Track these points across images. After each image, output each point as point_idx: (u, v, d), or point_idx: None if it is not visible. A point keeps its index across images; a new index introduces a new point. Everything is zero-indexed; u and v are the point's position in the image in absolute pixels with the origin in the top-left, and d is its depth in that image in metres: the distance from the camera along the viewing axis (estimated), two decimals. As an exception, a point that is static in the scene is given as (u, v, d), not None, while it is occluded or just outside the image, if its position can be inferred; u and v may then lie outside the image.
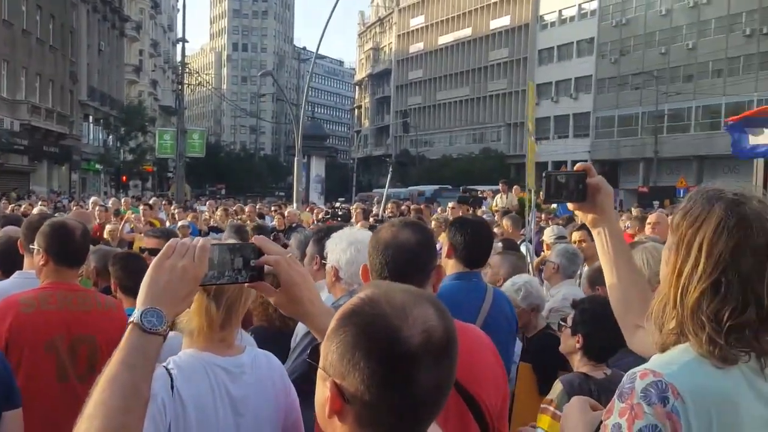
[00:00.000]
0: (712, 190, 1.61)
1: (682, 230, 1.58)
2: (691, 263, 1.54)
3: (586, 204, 2.02)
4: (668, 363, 1.51)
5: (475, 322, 3.42)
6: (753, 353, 1.52)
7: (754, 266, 1.50)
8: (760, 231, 1.51)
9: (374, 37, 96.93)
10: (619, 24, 58.35)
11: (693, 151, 50.88)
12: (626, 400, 1.48)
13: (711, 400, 1.46)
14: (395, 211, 12.83)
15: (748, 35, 49.13)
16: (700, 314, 1.51)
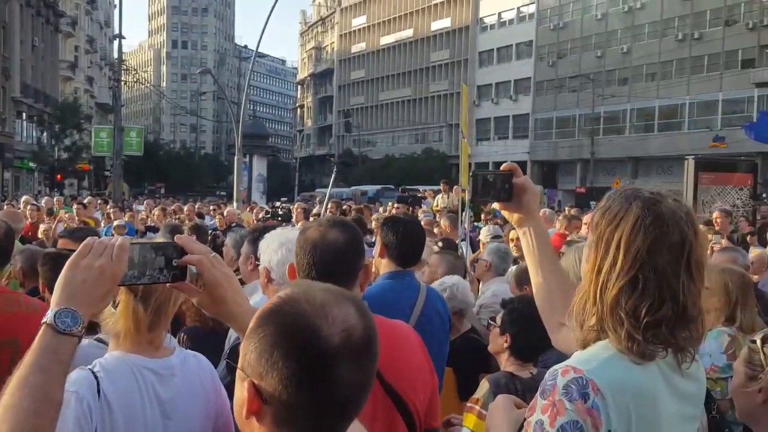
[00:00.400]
0: (629, 189, 1.65)
1: (601, 228, 1.62)
2: (609, 260, 1.57)
3: (512, 203, 2.03)
4: (588, 359, 1.54)
5: (408, 321, 3.44)
6: (670, 349, 1.57)
7: (669, 263, 1.54)
8: (675, 228, 1.56)
9: (316, 36, 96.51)
10: (556, 27, 59.32)
11: (628, 153, 52.08)
12: (548, 396, 1.51)
13: (630, 396, 1.49)
14: (336, 210, 12.81)
15: (681, 40, 50.55)
16: (618, 310, 1.54)
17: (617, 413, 1.47)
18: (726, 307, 3.76)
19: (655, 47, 51.82)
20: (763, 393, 2.06)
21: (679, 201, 1.62)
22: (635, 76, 53.78)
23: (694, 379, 1.65)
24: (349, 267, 2.26)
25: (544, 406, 1.51)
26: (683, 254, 1.55)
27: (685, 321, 1.56)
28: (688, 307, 1.56)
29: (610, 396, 1.47)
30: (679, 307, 1.54)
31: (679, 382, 1.59)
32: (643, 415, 1.50)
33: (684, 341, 1.57)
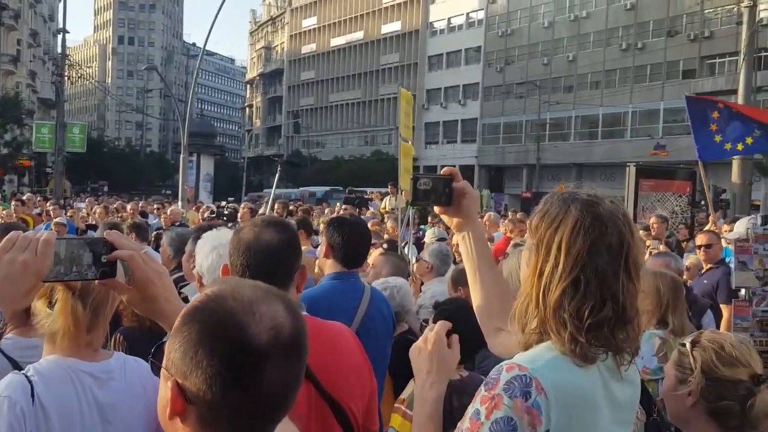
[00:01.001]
0: (566, 192, 1.67)
1: (541, 231, 1.62)
2: (551, 263, 1.58)
3: (452, 208, 2.02)
4: (534, 359, 1.55)
5: (352, 323, 3.41)
6: (610, 352, 1.58)
7: (609, 264, 1.56)
8: (613, 230, 1.58)
9: (266, 36, 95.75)
10: (504, 34, 59.92)
11: (572, 159, 52.91)
12: (490, 389, 1.51)
13: (572, 398, 1.50)
14: (283, 211, 12.76)
15: (624, 49, 51.59)
16: (561, 312, 1.55)
17: (558, 414, 1.47)
18: (657, 310, 3.85)
19: (599, 56, 52.79)
20: (693, 396, 2.10)
21: (616, 203, 1.64)
22: (580, 83, 54.68)
23: (630, 382, 1.68)
24: (284, 268, 2.20)
25: (483, 398, 1.52)
26: (622, 255, 1.57)
27: (623, 322, 1.57)
28: (627, 308, 1.57)
29: (554, 396, 1.47)
30: (619, 308, 1.56)
31: (614, 388, 1.61)
32: (582, 419, 1.51)
33: (622, 342, 1.59)
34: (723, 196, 25.42)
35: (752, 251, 5.05)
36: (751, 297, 5.05)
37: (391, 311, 3.84)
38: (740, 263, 5.09)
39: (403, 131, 6.61)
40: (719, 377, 2.07)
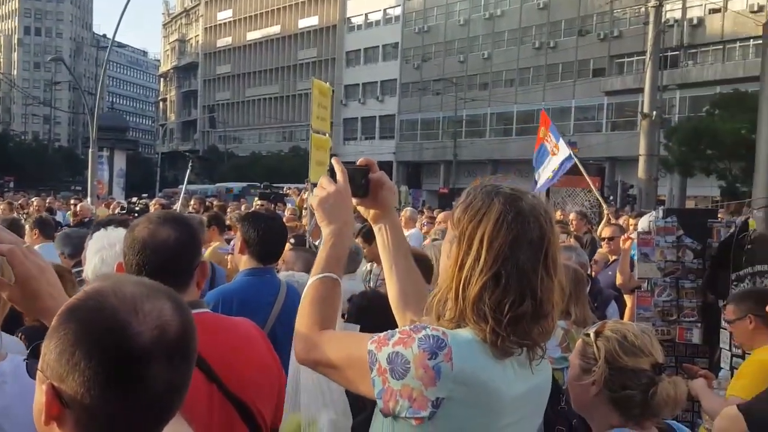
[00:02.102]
0: (489, 185, 1.66)
1: (463, 224, 1.61)
2: (472, 256, 1.57)
3: (369, 199, 2.00)
4: (458, 335, 1.54)
5: (268, 319, 3.39)
6: (525, 346, 1.59)
7: (529, 259, 1.56)
8: (535, 225, 1.58)
9: (180, 28, 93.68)
10: (421, 31, 60.38)
11: (488, 155, 53.87)
12: (414, 330, 1.53)
13: (477, 382, 1.50)
14: (200, 207, 12.55)
15: (538, 48, 52.80)
16: (482, 305, 1.54)
17: (458, 390, 1.47)
18: (561, 301, 3.95)
19: (514, 54, 53.87)
20: (596, 385, 2.12)
21: (538, 198, 1.65)
22: (495, 81, 55.67)
23: (541, 374, 1.68)
24: (182, 266, 2.12)
25: (405, 331, 1.54)
26: (542, 250, 1.58)
27: (539, 316, 1.58)
28: (544, 303, 1.59)
29: (460, 370, 1.47)
30: (536, 303, 1.57)
31: (528, 378, 1.61)
32: (485, 404, 1.51)
33: (537, 336, 1.60)
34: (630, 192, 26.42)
35: (654, 243, 5.23)
36: (653, 287, 5.23)
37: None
38: (643, 255, 5.27)
39: (315, 123, 6.53)
40: (622, 366, 2.10)
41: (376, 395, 1.53)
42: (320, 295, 1.79)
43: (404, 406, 1.49)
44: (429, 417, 1.48)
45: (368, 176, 1.98)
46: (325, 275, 1.82)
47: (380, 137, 63.70)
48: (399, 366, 1.49)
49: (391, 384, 1.50)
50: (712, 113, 31.68)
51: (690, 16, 44.66)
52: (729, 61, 42.30)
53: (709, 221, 5.34)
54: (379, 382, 1.52)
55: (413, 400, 1.48)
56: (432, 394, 1.47)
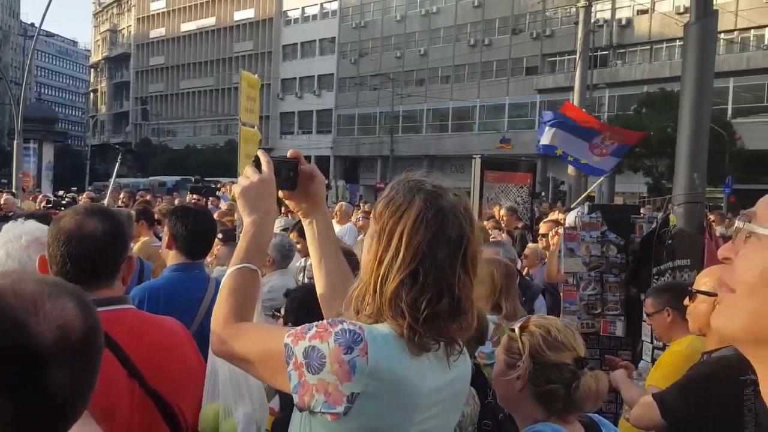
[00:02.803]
0: (412, 180, 1.65)
1: (384, 219, 1.60)
2: (391, 252, 1.56)
3: (298, 193, 1.97)
4: (375, 329, 1.54)
5: (196, 316, 3.33)
6: (443, 342, 1.60)
7: (448, 257, 1.56)
8: (454, 223, 1.58)
9: (111, 18, 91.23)
10: (358, 26, 60.36)
11: (424, 151, 54.11)
12: (332, 324, 1.52)
13: (393, 377, 1.50)
14: (129, 201, 12.31)
15: (472, 45, 53.35)
16: (399, 302, 1.54)
17: (373, 386, 1.47)
18: (492, 296, 4.02)
19: (449, 51, 54.30)
20: (521, 380, 2.12)
21: (459, 196, 1.64)
22: (431, 77, 56.08)
23: (459, 369, 1.69)
24: (108, 259, 2.08)
25: (322, 324, 1.53)
26: (461, 249, 1.58)
27: (457, 314, 1.59)
28: (462, 300, 1.59)
29: (375, 365, 1.47)
30: (454, 301, 1.57)
31: (445, 373, 1.62)
32: (400, 399, 1.51)
33: (455, 333, 1.61)
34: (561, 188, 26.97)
35: (579, 239, 5.37)
36: (578, 282, 5.37)
37: (239, 304, 3.74)
38: (569, 250, 5.40)
39: (244, 115, 6.48)
40: (546, 361, 2.11)
41: (292, 389, 1.52)
42: (238, 286, 1.76)
43: (319, 401, 1.49)
44: (344, 412, 1.47)
45: (297, 169, 1.95)
46: (244, 266, 1.79)
47: (317, 132, 63.44)
48: (315, 360, 1.48)
49: (307, 378, 1.49)
50: (639, 112, 32.65)
51: (619, 16, 45.82)
52: (656, 61, 43.57)
53: (632, 217, 5.52)
54: (295, 376, 1.51)
55: (329, 394, 1.48)
56: (347, 389, 1.46)
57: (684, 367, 3.20)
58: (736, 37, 40.81)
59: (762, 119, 39.15)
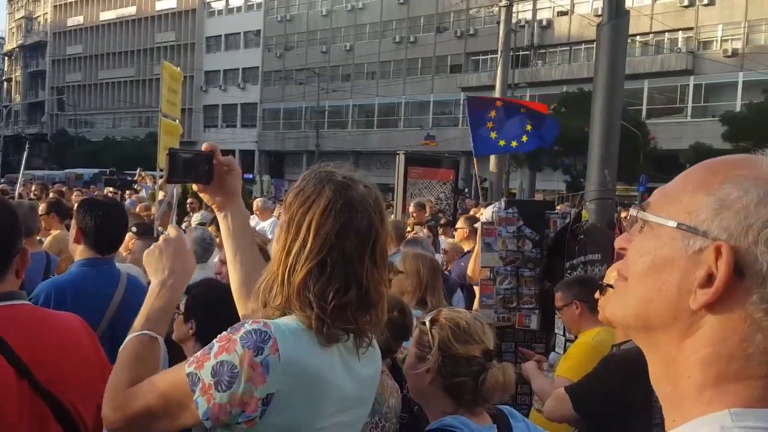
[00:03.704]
0: (324, 171, 1.64)
1: (293, 209, 1.60)
2: (299, 242, 1.56)
3: (213, 186, 1.94)
4: (281, 323, 1.52)
5: (106, 313, 3.24)
6: (352, 333, 1.60)
7: (356, 248, 1.56)
8: (363, 215, 1.58)
9: (27, 5, 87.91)
10: (283, 19, 59.88)
11: (350, 147, 54.20)
12: (232, 332, 1.49)
13: (306, 369, 1.49)
14: (41, 193, 11.91)
15: (398, 42, 53.65)
16: (306, 293, 1.54)
17: (285, 382, 1.46)
18: (418, 291, 4.05)
19: (375, 47, 54.46)
20: (431, 373, 2.14)
21: (369, 188, 1.64)
22: (357, 73, 56.14)
23: (370, 362, 1.70)
24: (2, 252, 2.00)
25: (222, 337, 1.50)
26: (370, 240, 1.58)
27: (366, 306, 1.59)
28: (371, 293, 1.59)
29: (286, 361, 1.46)
30: (362, 292, 1.57)
31: (355, 365, 1.62)
32: (310, 392, 1.51)
33: (364, 325, 1.61)
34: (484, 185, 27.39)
35: (496, 233, 5.46)
36: (495, 276, 5.46)
37: (150, 300, 3.65)
38: (486, 245, 5.48)
39: (165, 107, 6.35)
40: (454, 354, 2.13)
41: (202, 416, 1.47)
42: (136, 355, 1.69)
43: (236, 414, 1.46)
44: (260, 416, 1.46)
45: (212, 162, 1.92)
46: (143, 333, 1.72)
47: (242, 125, 62.72)
48: (225, 375, 1.45)
49: (217, 399, 1.45)
50: (559, 111, 33.43)
51: (540, 17, 46.85)
52: (575, 61, 44.75)
53: (547, 212, 5.64)
54: (203, 402, 1.46)
55: (245, 404, 1.45)
56: (263, 391, 1.45)
57: (591, 358, 3.29)
58: (651, 40, 42.27)
59: (675, 120, 40.75)
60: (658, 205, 0.88)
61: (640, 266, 0.87)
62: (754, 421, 0.78)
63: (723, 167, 0.85)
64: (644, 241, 0.88)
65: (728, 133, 30.92)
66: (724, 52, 39.73)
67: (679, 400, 0.85)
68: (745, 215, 0.79)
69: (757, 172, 0.82)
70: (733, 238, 0.79)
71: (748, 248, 0.79)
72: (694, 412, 0.82)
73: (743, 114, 32.22)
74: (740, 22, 39.90)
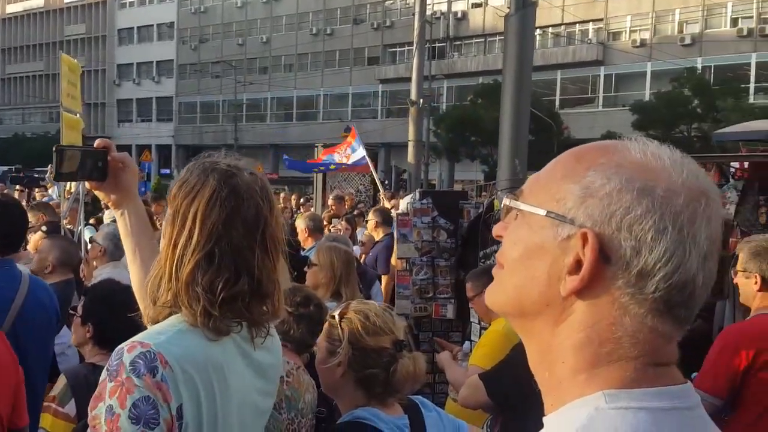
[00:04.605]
0: (208, 161, 1.62)
1: (178, 201, 1.57)
2: (185, 235, 1.53)
3: (108, 184, 1.89)
4: (158, 333, 1.48)
5: (8, 315, 3.14)
6: (245, 323, 1.57)
7: (244, 237, 1.54)
8: (250, 202, 1.56)
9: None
10: (198, 11, 58.92)
11: (269, 140, 53.82)
12: (116, 378, 1.42)
13: (200, 368, 1.46)
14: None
15: (315, 34, 53.42)
16: (195, 286, 1.51)
17: (186, 387, 1.43)
18: (332, 283, 4.04)
19: (292, 39, 54.09)
20: (342, 367, 2.12)
21: (255, 175, 1.62)
22: (275, 66, 55.70)
23: (269, 352, 1.68)
24: None
25: (112, 389, 1.41)
26: (258, 229, 1.56)
27: (260, 296, 1.57)
28: (264, 282, 1.57)
29: (179, 369, 1.43)
30: (254, 282, 1.55)
31: (252, 354, 1.60)
32: (212, 389, 1.48)
33: (259, 316, 1.59)
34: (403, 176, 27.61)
35: (411, 224, 5.50)
36: (411, 267, 5.50)
37: (55, 302, 3.55)
38: (402, 236, 5.52)
39: (66, 101, 6.14)
40: (364, 346, 2.12)
41: None
42: None
43: None
44: (179, 428, 1.44)
45: (106, 158, 1.87)
46: None
47: (158, 120, 61.44)
48: (147, 410, 1.40)
49: None
50: (475, 102, 33.98)
51: (455, 9, 47.40)
52: (490, 53, 45.44)
53: (461, 202, 5.71)
54: None
55: (172, 425, 1.43)
56: (174, 405, 1.42)
57: (502, 345, 3.34)
58: (563, 31, 43.35)
59: (587, 110, 41.94)
60: (531, 193, 0.89)
61: (514, 254, 0.88)
62: (627, 401, 0.80)
63: (588, 155, 0.86)
64: (518, 229, 0.89)
65: (638, 121, 32.02)
66: (633, 42, 41.03)
67: (556, 384, 0.86)
68: (608, 202, 0.81)
69: (620, 160, 0.83)
70: (598, 225, 0.81)
71: (612, 234, 0.80)
72: (570, 396, 0.84)
73: (652, 103, 33.36)
74: (648, 13, 41.29)
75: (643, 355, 0.82)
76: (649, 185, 0.81)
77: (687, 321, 0.84)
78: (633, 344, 0.82)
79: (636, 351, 0.82)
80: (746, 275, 3.10)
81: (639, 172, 0.82)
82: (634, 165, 0.83)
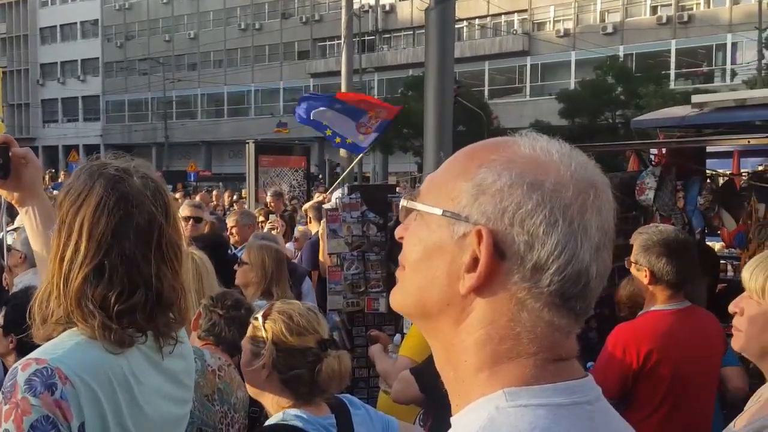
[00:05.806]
0: (96, 164, 1.53)
1: (64, 210, 1.48)
2: (72, 247, 1.44)
3: (11, 181, 1.81)
4: (53, 348, 1.40)
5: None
6: (150, 333, 1.49)
7: (138, 247, 1.46)
8: (141, 209, 1.47)
9: None
10: (122, 8, 57.74)
11: (201, 137, 53.08)
12: (11, 399, 1.33)
13: (103, 382, 1.39)
14: None
15: (243, 29, 52.82)
16: (86, 302, 1.42)
17: (88, 403, 1.36)
18: (263, 282, 4.01)
19: (220, 35, 53.38)
20: (267, 368, 2.10)
21: (147, 178, 1.53)
22: (204, 62, 54.91)
23: (180, 358, 1.63)
24: None
25: (7, 412, 1.32)
26: (153, 236, 1.48)
27: (163, 306, 1.50)
28: (164, 292, 1.50)
29: (81, 384, 1.35)
30: (153, 293, 1.47)
31: (164, 365, 1.55)
32: (117, 402, 1.41)
33: (165, 325, 1.52)
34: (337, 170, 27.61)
35: (341, 220, 5.49)
36: (342, 262, 5.50)
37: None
38: (331, 231, 5.50)
39: None
40: (289, 347, 2.10)
41: None
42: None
43: None
44: None
45: (8, 155, 1.79)
46: None
47: (84, 119, 59.99)
48: (48, 428, 1.32)
49: None
50: (406, 95, 34.08)
51: (383, 2, 47.43)
52: (419, 45, 45.54)
53: (389, 196, 5.72)
54: None
55: None
56: (76, 424, 1.35)
57: (430, 336, 3.36)
58: (489, 23, 43.88)
59: (515, 99, 42.59)
60: (428, 193, 0.89)
61: (414, 255, 0.88)
62: (527, 398, 0.81)
63: (480, 153, 0.87)
64: (417, 230, 0.89)
65: (564, 110, 32.68)
66: (557, 32, 41.85)
67: (460, 383, 0.86)
68: (500, 198, 0.81)
69: (510, 156, 0.84)
70: (492, 221, 0.81)
71: (505, 230, 0.81)
72: (473, 395, 0.84)
73: (577, 91, 34.07)
74: (570, 3, 42.16)
75: (541, 351, 0.83)
76: (538, 179, 0.81)
77: (584, 314, 0.85)
78: (531, 340, 0.82)
79: (535, 347, 0.83)
80: (637, 267, 3.08)
81: (529, 166, 0.83)
82: (524, 160, 0.83)
